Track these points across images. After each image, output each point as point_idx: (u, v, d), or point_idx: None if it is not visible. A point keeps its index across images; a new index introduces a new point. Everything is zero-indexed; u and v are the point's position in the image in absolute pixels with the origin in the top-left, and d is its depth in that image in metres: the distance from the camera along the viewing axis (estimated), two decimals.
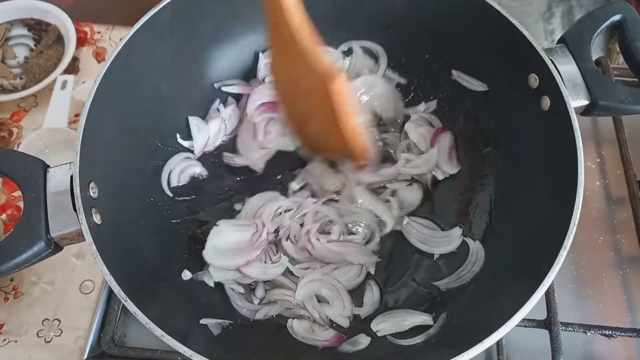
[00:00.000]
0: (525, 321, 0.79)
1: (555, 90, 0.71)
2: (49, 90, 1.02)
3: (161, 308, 0.66)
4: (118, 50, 0.74)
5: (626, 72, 0.93)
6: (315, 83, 0.67)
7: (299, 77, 0.70)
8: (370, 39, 0.95)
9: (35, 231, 0.61)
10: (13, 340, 0.84)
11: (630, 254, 0.90)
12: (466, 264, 0.78)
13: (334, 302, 0.76)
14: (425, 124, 0.91)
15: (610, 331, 0.79)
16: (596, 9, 0.78)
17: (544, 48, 0.75)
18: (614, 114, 0.95)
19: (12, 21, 1.12)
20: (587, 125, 1.03)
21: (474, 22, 0.81)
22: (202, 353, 0.56)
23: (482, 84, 0.87)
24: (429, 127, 0.91)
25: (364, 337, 0.73)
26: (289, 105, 0.79)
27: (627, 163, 0.94)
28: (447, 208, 0.86)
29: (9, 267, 0.59)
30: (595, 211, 0.94)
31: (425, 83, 0.94)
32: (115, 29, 1.17)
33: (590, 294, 0.87)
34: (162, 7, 0.78)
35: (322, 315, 0.76)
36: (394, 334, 0.73)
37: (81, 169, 0.64)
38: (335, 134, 0.72)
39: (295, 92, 0.74)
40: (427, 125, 0.91)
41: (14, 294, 0.88)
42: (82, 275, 0.89)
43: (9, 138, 1.03)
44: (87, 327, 0.83)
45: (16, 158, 0.66)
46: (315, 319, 0.76)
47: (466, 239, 0.81)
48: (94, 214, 0.64)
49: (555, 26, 1.21)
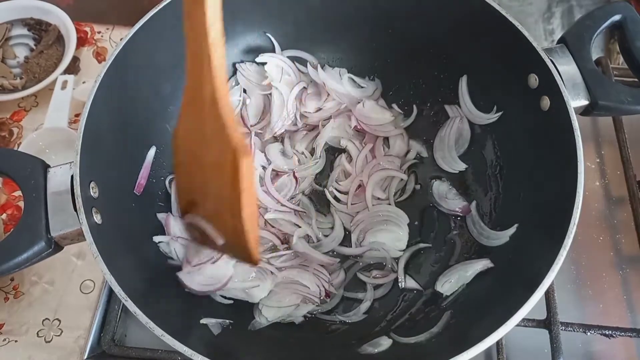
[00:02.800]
0: (525, 321, 0.79)
1: (555, 90, 0.71)
2: (49, 90, 1.02)
3: (161, 308, 0.67)
4: (118, 50, 0.74)
5: (626, 72, 0.93)
6: (224, 157, 0.59)
7: (206, 146, 0.62)
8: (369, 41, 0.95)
9: (35, 231, 0.61)
10: (13, 340, 0.84)
11: (630, 254, 0.90)
12: None
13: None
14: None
15: (610, 331, 0.79)
16: (596, 9, 0.78)
17: (544, 48, 0.74)
18: (613, 114, 0.95)
19: (12, 21, 1.13)
20: (587, 125, 1.03)
21: (473, 22, 0.81)
22: (202, 353, 0.56)
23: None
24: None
25: (385, 339, 0.72)
26: (187, 179, 0.70)
27: (627, 163, 0.95)
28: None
29: (9, 266, 0.59)
30: (595, 211, 0.94)
31: (421, 85, 0.94)
32: (115, 29, 1.17)
33: (590, 294, 0.87)
34: (162, 7, 0.78)
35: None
36: (399, 332, 0.73)
37: (81, 169, 0.64)
38: (228, 219, 0.62)
39: (197, 163, 0.65)
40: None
41: (14, 294, 0.88)
42: (83, 275, 0.89)
43: (9, 138, 1.03)
44: (87, 327, 0.83)
45: (16, 158, 0.66)
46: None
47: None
48: (95, 214, 0.64)
49: (555, 26, 1.21)
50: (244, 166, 0.57)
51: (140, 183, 0.80)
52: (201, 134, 0.61)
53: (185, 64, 0.59)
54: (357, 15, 0.92)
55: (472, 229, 0.83)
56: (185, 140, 0.65)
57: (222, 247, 0.68)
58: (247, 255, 0.65)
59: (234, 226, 0.62)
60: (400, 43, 0.92)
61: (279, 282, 0.79)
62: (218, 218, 0.65)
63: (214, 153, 0.60)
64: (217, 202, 0.64)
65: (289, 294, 0.78)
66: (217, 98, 0.57)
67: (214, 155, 0.61)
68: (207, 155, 0.62)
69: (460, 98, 0.90)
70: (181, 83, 0.88)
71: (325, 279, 0.79)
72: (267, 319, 0.76)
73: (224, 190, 0.60)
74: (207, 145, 0.61)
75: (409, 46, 0.92)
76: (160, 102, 0.86)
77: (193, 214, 0.69)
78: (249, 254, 0.65)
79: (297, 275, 0.79)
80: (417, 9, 0.87)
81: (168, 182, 0.86)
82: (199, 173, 0.65)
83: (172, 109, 0.88)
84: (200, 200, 0.67)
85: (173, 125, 0.87)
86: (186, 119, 0.64)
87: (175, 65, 0.86)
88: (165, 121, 0.88)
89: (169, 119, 0.88)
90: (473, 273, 0.76)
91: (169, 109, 0.88)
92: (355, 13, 0.91)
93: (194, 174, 0.66)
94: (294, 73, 0.94)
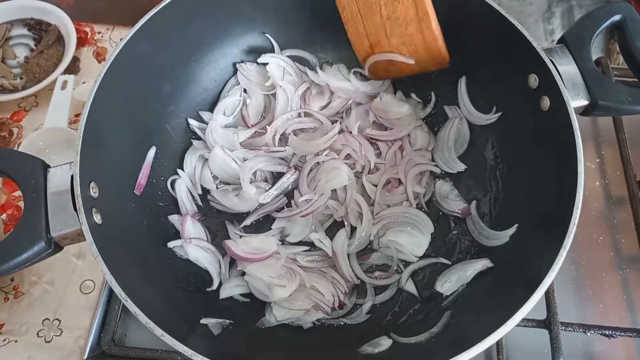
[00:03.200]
0: (525, 321, 0.79)
1: (555, 90, 0.71)
2: (49, 90, 1.02)
3: (162, 308, 0.67)
4: (118, 50, 0.74)
5: (626, 72, 0.93)
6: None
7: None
8: None
9: (35, 231, 0.61)
10: (13, 340, 0.84)
11: (630, 254, 0.90)
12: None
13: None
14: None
15: (610, 331, 0.79)
16: (596, 9, 0.78)
17: (544, 48, 0.75)
18: (613, 114, 0.95)
19: (12, 21, 1.13)
20: (587, 125, 1.03)
21: (473, 22, 0.81)
22: (202, 353, 0.56)
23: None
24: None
25: (385, 339, 0.72)
26: (362, 27, 0.81)
27: (627, 163, 0.95)
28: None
29: (9, 266, 0.59)
30: (595, 211, 0.94)
31: (424, 85, 0.94)
32: (115, 29, 1.17)
33: (590, 294, 0.87)
34: (162, 7, 0.78)
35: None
36: (399, 332, 0.73)
37: (82, 169, 0.64)
38: (418, 40, 0.77)
39: (370, 8, 0.78)
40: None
41: (14, 294, 0.88)
42: (82, 275, 0.89)
43: (9, 138, 1.03)
44: (87, 327, 0.83)
45: (16, 158, 0.66)
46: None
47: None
48: (95, 214, 0.64)
49: (555, 26, 1.21)
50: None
51: (140, 183, 0.80)
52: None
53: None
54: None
55: (472, 229, 0.83)
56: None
57: (413, 67, 0.82)
58: (437, 59, 0.80)
59: (424, 40, 0.77)
60: None
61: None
62: (406, 43, 0.79)
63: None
64: (402, 30, 0.77)
65: (302, 297, 0.77)
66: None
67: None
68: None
69: (460, 99, 0.90)
70: (181, 83, 0.89)
71: (342, 289, 0.79)
72: (277, 318, 0.76)
73: (408, 15, 0.75)
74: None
75: None
76: (160, 102, 0.86)
77: (378, 52, 0.82)
78: (440, 57, 0.80)
79: (315, 280, 0.79)
80: None
81: (169, 183, 0.86)
82: (374, 16, 0.78)
83: (172, 109, 0.88)
84: (383, 37, 0.80)
85: (173, 125, 0.89)
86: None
87: (175, 65, 0.87)
88: (166, 121, 0.88)
89: (169, 119, 0.88)
90: (473, 273, 0.76)
91: (169, 109, 0.88)
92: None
93: (369, 18, 0.79)
94: (295, 73, 0.94)
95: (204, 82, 0.93)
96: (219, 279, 0.80)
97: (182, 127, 0.90)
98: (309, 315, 0.77)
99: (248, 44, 0.95)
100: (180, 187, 0.86)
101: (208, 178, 0.87)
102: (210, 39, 0.90)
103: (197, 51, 0.90)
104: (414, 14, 0.75)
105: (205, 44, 0.90)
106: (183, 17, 0.83)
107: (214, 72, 0.94)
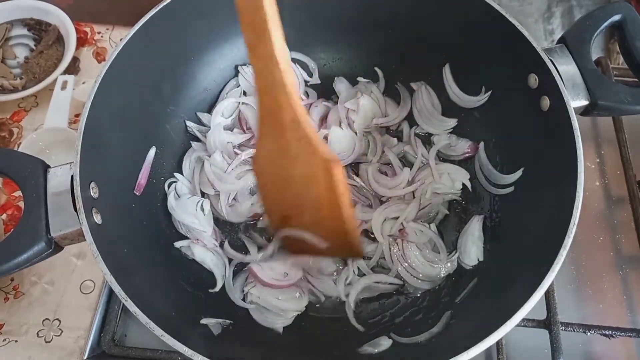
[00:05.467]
0: (525, 321, 0.79)
1: (555, 90, 0.71)
2: (49, 91, 1.02)
3: (161, 308, 0.67)
4: (118, 50, 0.74)
5: (626, 72, 0.93)
6: (315, 169, 0.64)
7: (292, 165, 0.66)
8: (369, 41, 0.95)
9: (35, 231, 0.61)
10: (13, 340, 0.84)
11: (630, 254, 0.90)
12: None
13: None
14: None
15: (610, 331, 0.79)
16: (596, 9, 0.78)
17: (544, 48, 0.74)
18: (613, 114, 0.95)
19: (12, 21, 1.13)
20: (587, 125, 1.03)
21: (473, 23, 0.81)
22: (202, 353, 0.56)
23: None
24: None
25: (385, 339, 0.72)
26: (276, 197, 0.73)
27: (627, 163, 0.95)
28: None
29: (9, 267, 0.59)
30: (595, 211, 0.94)
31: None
32: (115, 29, 1.17)
33: (590, 294, 0.87)
34: (162, 7, 0.78)
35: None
36: (399, 332, 0.73)
37: (82, 169, 0.64)
38: (329, 223, 0.69)
39: (285, 182, 0.69)
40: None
41: (14, 294, 0.88)
42: (83, 275, 0.89)
43: (9, 138, 1.03)
44: (87, 327, 0.83)
45: (16, 158, 0.66)
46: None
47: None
48: (95, 214, 0.64)
49: (555, 26, 1.21)
50: (338, 173, 0.63)
51: (140, 183, 0.80)
52: (284, 155, 0.65)
53: (255, 94, 0.63)
54: (356, 16, 0.92)
55: (480, 176, 0.86)
56: (267, 164, 0.69)
57: (324, 251, 0.73)
58: (351, 251, 0.75)
59: (336, 228, 0.69)
60: (400, 44, 0.92)
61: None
62: (318, 225, 0.71)
63: (302, 168, 0.65)
64: (314, 211, 0.69)
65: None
66: (298, 119, 0.61)
67: (302, 170, 0.66)
68: (294, 171, 0.66)
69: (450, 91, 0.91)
70: (181, 83, 0.89)
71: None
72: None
73: (321, 199, 0.66)
74: (292, 163, 0.65)
75: (408, 47, 0.92)
76: (160, 102, 0.86)
77: (289, 227, 0.74)
78: (354, 249, 0.74)
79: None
80: (417, 10, 0.87)
81: (167, 185, 0.85)
82: (288, 189, 0.69)
83: (172, 109, 0.88)
84: (295, 213, 0.72)
85: (173, 125, 0.89)
86: (265, 145, 0.67)
87: (175, 65, 0.87)
88: (166, 121, 0.88)
89: (169, 119, 0.88)
90: (479, 229, 0.80)
91: (169, 109, 0.88)
92: (355, 13, 0.92)
93: (283, 191, 0.70)
94: (295, 75, 0.94)
95: (204, 83, 0.93)
96: (223, 281, 0.80)
97: (181, 127, 0.90)
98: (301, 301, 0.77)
99: None
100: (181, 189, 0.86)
101: (206, 182, 0.86)
102: (210, 39, 0.90)
103: (197, 52, 0.90)
104: (327, 198, 0.66)
105: (205, 44, 0.90)
106: (183, 17, 0.83)
107: (214, 72, 0.94)
